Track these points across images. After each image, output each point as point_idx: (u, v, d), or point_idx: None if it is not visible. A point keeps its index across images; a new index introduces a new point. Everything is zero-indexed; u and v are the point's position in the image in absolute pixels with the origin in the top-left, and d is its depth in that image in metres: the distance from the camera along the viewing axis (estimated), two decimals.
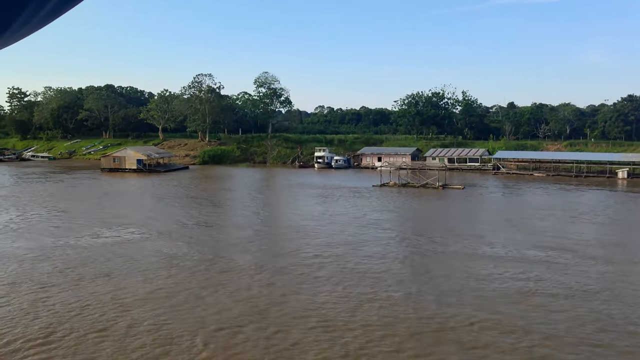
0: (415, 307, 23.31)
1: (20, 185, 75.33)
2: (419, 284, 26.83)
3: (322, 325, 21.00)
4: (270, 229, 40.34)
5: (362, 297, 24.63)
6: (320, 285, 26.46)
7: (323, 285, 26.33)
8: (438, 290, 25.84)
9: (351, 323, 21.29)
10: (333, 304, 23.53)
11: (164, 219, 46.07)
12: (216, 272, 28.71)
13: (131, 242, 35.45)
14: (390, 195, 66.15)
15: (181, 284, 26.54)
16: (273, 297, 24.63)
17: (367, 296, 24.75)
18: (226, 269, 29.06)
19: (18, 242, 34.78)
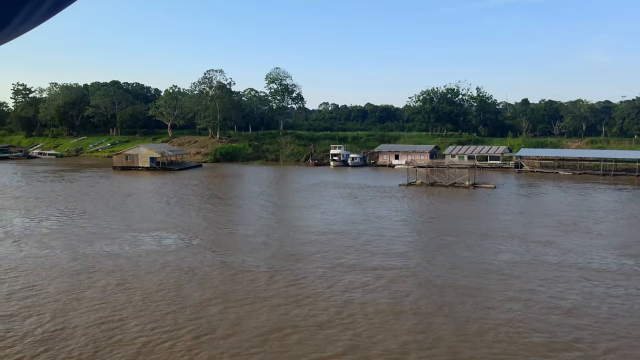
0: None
1: (34, 185, 72.50)
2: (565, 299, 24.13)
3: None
4: (324, 237, 37.28)
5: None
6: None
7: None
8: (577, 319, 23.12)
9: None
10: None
11: (200, 222, 43.27)
12: (307, 288, 26.00)
13: (181, 250, 32.49)
14: (421, 196, 63.42)
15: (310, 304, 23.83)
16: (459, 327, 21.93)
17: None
18: (303, 282, 26.30)
19: (59, 251, 31.85)
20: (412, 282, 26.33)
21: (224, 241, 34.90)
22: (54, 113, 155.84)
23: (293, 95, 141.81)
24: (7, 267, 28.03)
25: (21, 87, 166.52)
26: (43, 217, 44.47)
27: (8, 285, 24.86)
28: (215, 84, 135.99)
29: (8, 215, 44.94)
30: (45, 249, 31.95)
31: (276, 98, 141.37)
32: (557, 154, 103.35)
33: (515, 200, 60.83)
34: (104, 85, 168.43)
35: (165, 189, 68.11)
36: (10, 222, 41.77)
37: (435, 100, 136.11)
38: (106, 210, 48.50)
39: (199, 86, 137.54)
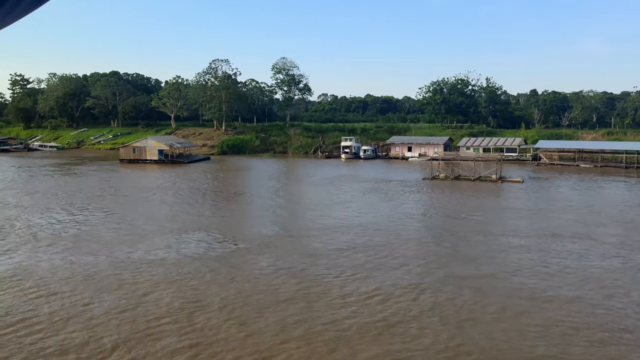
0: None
1: (44, 179, 69.27)
2: None
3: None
4: (378, 237, 34.45)
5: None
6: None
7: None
8: None
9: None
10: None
11: (233, 222, 40.40)
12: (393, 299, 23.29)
13: (233, 256, 29.44)
14: (451, 190, 60.76)
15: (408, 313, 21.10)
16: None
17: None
18: (389, 294, 23.58)
19: (99, 257, 28.87)
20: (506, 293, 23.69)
21: (273, 245, 31.95)
22: (53, 104, 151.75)
23: (300, 86, 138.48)
24: (43, 277, 25.05)
25: (19, 77, 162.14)
26: (66, 216, 41.47)
27: (51, 303, 21.87)
28: (220, 74, 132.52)
29: (27, 214, 41.89)
30: (84, 255, 28.98)
31: (282, 89, 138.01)
32: (577, 146, 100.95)
33: (553, 194, 58.36)
34: (104, 75, 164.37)
35: (182, 184, 65.08)
36: (33, 222, 38.74)
37: (445, 91, 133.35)
38: (131, 209, 45.54)
39: (203, 76, 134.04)
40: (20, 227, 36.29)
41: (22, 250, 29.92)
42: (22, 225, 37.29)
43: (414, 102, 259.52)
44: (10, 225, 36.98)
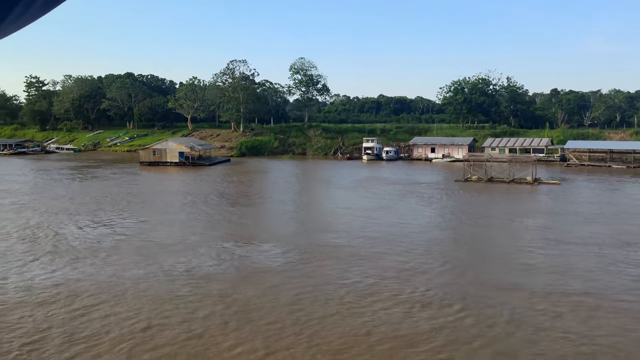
0: None
1: (67, 184, 67.64)
2: None
3: None
4: (444, 248, 32.47)
5: None
6: None
7: None
8: None
9: None
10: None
11: (285, 229, 38.08)
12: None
13: (302, 267, 27.38)
14: (490, 193, 58.47)
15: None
16: None
17: None
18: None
19: (148, 268, 26.90)
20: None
21: (339, 255, 29.55)
22: (69, 106, 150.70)
23: (318, 86, 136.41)
24: (92, 294, 23.09)
25: (34, 79, 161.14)
26: (98, 223, 39.59)
27: (107, 327, 19.90)
28: (237, 74, 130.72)
29: (58, 221, 40.05)
30: (130, 268, 27.01)
31: (300, 89, 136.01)
32: (607, 147, 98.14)
33: (598, 197, 55.88)
34: (119, 77, 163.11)
35: (208, 187, 63.22)
36: (67, 230, 36.85)
37: (466, 91, 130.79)
38: (164, 215, 43.62)
39: (221, 77, 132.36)
40: (54, 236, 34.42)
41: (61, 262, 28.00)
42: (55, 233, 35.42)
43: (427, 102, 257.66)
44: (44, 235, 35.12)
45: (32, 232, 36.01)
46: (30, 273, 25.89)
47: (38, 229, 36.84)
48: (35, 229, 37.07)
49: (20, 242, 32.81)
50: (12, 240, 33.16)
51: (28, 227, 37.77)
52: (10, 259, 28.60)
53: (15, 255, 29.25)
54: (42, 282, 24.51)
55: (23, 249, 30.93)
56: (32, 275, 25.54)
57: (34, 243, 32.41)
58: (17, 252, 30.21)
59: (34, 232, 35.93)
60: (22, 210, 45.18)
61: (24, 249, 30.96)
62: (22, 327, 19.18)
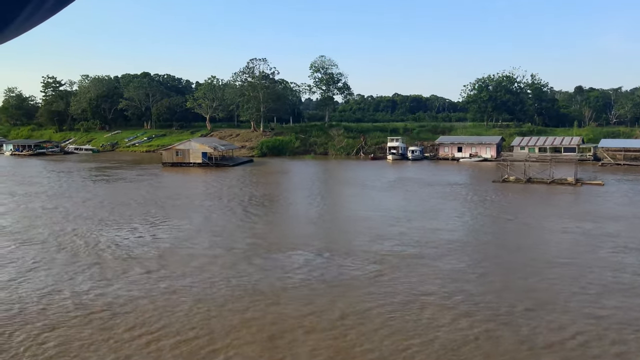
0: None
1: (93, 186, 65.83)
2: None
3: None
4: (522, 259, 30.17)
5: None
6: None
7: None
8: None
9: None
10: None
11: (338, 236, 35.75)
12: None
13: (378, 281, 25.26)
14: (533, 194, 55.87)
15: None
16: None
17: None
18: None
19: (204, 284, 24.78)
20: None
21: (419, 271, 27.23)
22: (86, 106, 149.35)
23: (339, 84, 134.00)
24: (153, 315, 20.97)
25: (51, 79, 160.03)
26: (137, 230, 37.52)
27: (176, 350, 17.74)
28: (257, 73, 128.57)
29: (94, 228, 38.03)
30: (188, 282, 24.87)
31: (321, 88, 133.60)
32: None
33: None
34: (136, 77, 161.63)
35: (238, 189, 61.11)
36: (106, 238, 34.77)
37: (491, 88, 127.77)
38: (203, 220, 41.51)
39: (240, 76, 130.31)
40: (95, 245, 32.36)
41: (111, 275, 25.90)
42: (95, 242, 33.36)
43: (443, 100, 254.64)
44: (84, 243, 33.05)
45: (70, 239, 34.01)
46: (82, 286, 23.83)
47: (76, 237, 34.84)
48: (73, 236, 35.07)
49: (61, 251, 30.80)
50: (52, 249, 31.16)
51: (65, 233, 35.79)
52: (57, 270, 26.58)
53: (61, 268, 27.21)
54: (96, 299, 22.40)
55: (65, 259, 28.90)
56: (85, 289, 23.48)
57: (75, 253, 30.36)
58: (60, 263, 28.19)
59: (72, 239, 33.93)
60: (54, 215, 43.28)
61: (67, 259, 28.93)
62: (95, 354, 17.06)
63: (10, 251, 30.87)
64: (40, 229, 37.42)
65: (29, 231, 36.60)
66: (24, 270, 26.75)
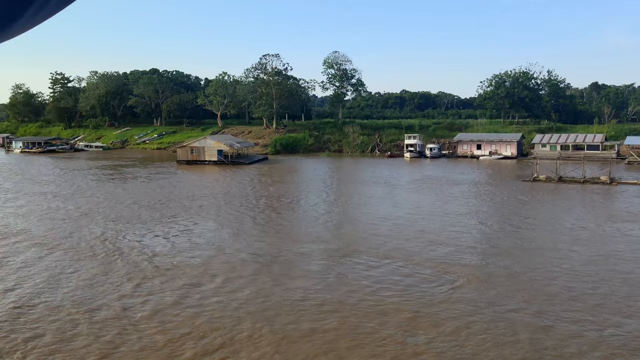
0: None
1: (111, 185, 63.71)
2: None
3: None
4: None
5: None
6: None
7: None
8: None
9: None
10: None
11: (403, 242, 33.59)
12: None
13: (465, 299, 23.19)
14: (568, 194, 53.58)
15: None
16: None
17: None
18: None
19: (266, 298, 22.47)
20: None
21: (504, 284, 24.98)
22: (95, 103, 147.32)
23: (352, 81, 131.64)
24: (227, 340, 18.89)
25: (59, 76, 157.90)
26: (171, 234, 35.38)
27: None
28: (270, 70, 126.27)
29: (123, 231, 35.89)
30: (252, 297, 22.74)
31: (334, 84, 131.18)
32: None
33: None
34: (145, 73, 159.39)
35: (264, 188, 59.05)
36: (137, 242, 32.70)
37: (507, 85, 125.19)
38: (238, 222, 39.42)
39: (253, 72, 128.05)
40: (129, 252, 30.20)
41: (158, 288, 23.79)
42: (128, 247, 31.20)
43: (451, 97, 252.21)
44: (116, 249, 30.86)
45: (102, 244, 31.91)
46: (129, 300, 21.71)
47: (106, 242, 32.71)
48: (103, 241, 32.94)
49: (93, 259, 28.67)
50: (86, 256, 29.05)
51: (95, 238, 33.68)
52: (99, 280, 24.45)
53: (102, 279, 25.08)
54: (149, 318, 20.29)
55: (102, 269, 26.72)
56: (130, 304, 21.37)
57: (110, 261, 28.21)
58: (97, 272, 26.09)
59: (104, 245, 31.82)
60: (78, 217, 41.21)
61: (102, 268, 26.78)
62: None
63: (40, 258, 28.77)
64: (67, 232, 35.31)
65: (56, 235, 34.51)
66: (63, 280, 24.68)
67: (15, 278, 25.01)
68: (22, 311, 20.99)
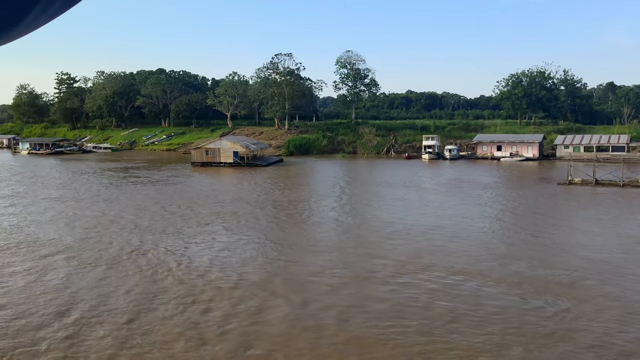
0: None
1: (129, 190, 61.04)
2: None
3: None
4: None
5: None
6: None
7: None
8: None
9: None
10: None
11: (476, 255, 31.01)
12: None
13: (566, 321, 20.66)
14: (613, 199, 51.03)
15: None
16: None
17: None
18: None
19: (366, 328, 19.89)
20: None
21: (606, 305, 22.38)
22: (102, 103, 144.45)
23: (365, 81, 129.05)
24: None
25: (65, 76, 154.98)
26: (208, 243, 32.80)
27: None
28: (281, 69, 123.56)
29: (159, 241, 33.20)
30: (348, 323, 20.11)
31: (347, 84, 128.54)
32: None
33: None
34: (152, 73, 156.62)
35: (293, 193, 56.46)
36: (176, 253, 30.04)
37: (525, 84, 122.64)
38: (282, 231, 36.84)
39: (264, 72, 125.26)
40: (177, 267, 27.46)
41: (226, 310, 21.16)
42: (175, 262, 28.52)
43: (457, 97, 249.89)
44: (159, 261, 28.21)
45: (145, 257, 29.21)
46: (206, 330, 19.03)
47: (148, 254, 29.91)
48: (145, 253, 30.16)
49: (142, 275, 25.92)
50: (133, 272, 26.29)
51: (135, 250, 30.90)
52: (159, 302, 21.76)
53: (160, 300, 22.39)
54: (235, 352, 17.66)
55: (156, 288, 23.92)
56: (207, 334, 18.72)
57: (160, 278, 25.47)
58: (148, 291, 23.45)
59: (147, 258, 29.06)
60: (108, 225, 38.53)
61: (156, 287, 24.02)
62: None
63: (82, 274, 26.10)
64: (104, 243, 32.60)
65: (92, 246, 31.82)
66: (117, 300, 22.04)
67: (63, 298, 22.36)
68: (73, 341, 18.38)
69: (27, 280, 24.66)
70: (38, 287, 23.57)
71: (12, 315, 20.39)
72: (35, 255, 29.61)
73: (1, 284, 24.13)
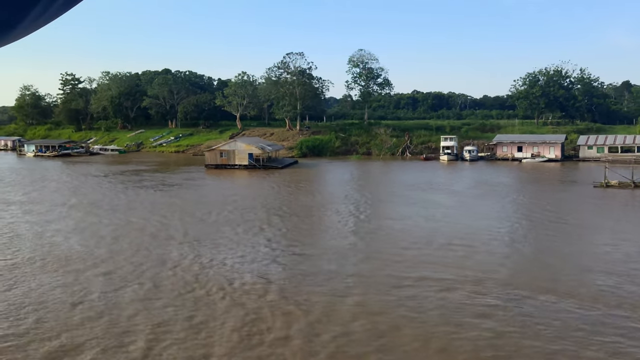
0: None
1: (148, 195, 58.16)
2: None
3: None
4: None
5: None
6: None
7: None
8: None
9: None
10: None
11: (546, 269, 28.44)
12: None
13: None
14: None
15: None
16: None
17: None
18: None
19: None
20: None
21: None
22: (107, 104, 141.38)
23: (378, 80, 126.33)
24: None
25: (70, 77, 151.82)
26: (256, 257, 30.01)
27: None
28: (292, 69, 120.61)
29: (199, 255, 30.38)
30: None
31: (360, 83, 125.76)
32: None
33: None
34: (157, 73, 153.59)
35: (320, 197, 53.69)
36: (222, 270, 27.21)
37: (542, 84, 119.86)
38: (318, 242, 34.07)
39: (275, 71, 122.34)
40: (230, 286, 24.68)
41: (319, 335, 18.36)
42: (225, 279, 25.67)
43: (464, 97, 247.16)
44: (215, 281, 25.32)
45: (189, 272, 26.39)
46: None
47: (206, 271, 26.91)
48: (203, 270, 27.07)
49: (209, 300, 22.84)
50: (183, 291, 23.49)
51: (174, 263, 28.11)
52: (249, 333, 18.87)
53: (249, 331, 19.52)
54: None
55: (242, 319, 20.84)
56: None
57: (212, 299, 22.66)
58: (228, 321, 20.59)
59: (207, 277, 25.91)
60: (139, 235, 35.66)
61: (241, 318, 21.02)
62: None
63: (122, 290, 23.26)
64: (138, 256, 29.69)
65: (127, 260, 28.91)
66: (175, 332, 19.22)
67: (120, 325, 19.52)
68: None
69: (72, 300, 21.79)
70: (86, 311, 20.70)
71: (64, 345, 17.55)
72: (69, 270, 26.78)
73: (43, 306, 21.24)
